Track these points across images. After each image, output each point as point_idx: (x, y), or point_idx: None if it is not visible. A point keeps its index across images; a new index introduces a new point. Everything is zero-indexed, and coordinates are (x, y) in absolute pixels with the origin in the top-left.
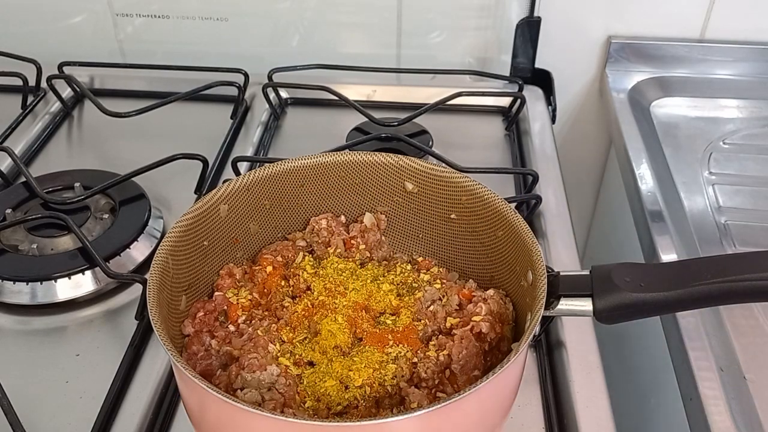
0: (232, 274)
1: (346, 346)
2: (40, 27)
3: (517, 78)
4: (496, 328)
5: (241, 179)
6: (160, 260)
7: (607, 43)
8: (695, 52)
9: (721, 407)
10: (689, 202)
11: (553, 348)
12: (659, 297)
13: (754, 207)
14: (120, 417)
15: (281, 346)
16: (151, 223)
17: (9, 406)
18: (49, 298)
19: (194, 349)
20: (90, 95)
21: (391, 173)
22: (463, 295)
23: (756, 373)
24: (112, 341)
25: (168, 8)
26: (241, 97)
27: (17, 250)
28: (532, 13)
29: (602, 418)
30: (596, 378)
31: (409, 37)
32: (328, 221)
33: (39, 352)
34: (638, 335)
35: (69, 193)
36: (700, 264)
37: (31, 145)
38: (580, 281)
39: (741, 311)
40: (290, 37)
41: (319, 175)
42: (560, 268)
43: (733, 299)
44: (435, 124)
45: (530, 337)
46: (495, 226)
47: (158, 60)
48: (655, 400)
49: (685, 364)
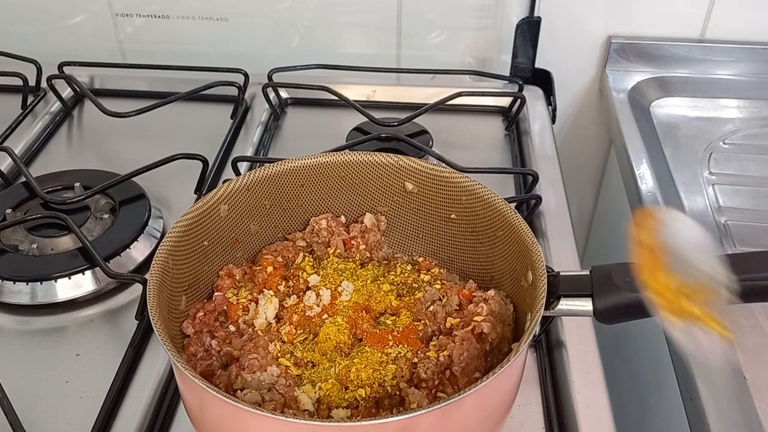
0: (232, 275)
1: (346, 347)
2: (40, 27)
3: (517, 78)
4: (497, 328)
5: (241, 179)
6: (160, 260)
7: (607, 43)
8: (695, 52)
9: (721, 407)
10: (689, 202)
11: (553, 348)
12: None
13: (754, 207)
14: (120, 417)
15: (281, 347)
16: (151, 223)
17: (9, 406)
18: (49, 298)
19: (194, 350)
20: (90, 95)
21: (391, 173)
22: (463, 295)
23: (756, 373)
24: (112, 341)
25: (168, 8)
26: (241, 97)
27: (17, 250)
28: (532, 13)
29: (602, 418)
30: (596, 378)
31: (409, 37)
32: (328, 221)
33: (39, 352)
34: (638, 335)
35: (69, 193)
36: None
37: (31, 145)
38: (580, 281)
39: (741, 311)
40: (290, 37)
41: (319, 175)
42: (560, 268)
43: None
44: (435, 124)
45: (530, 337)
46: (495, 226)
47: (158, 60)
48: (655, 400)
49: (685, 364)
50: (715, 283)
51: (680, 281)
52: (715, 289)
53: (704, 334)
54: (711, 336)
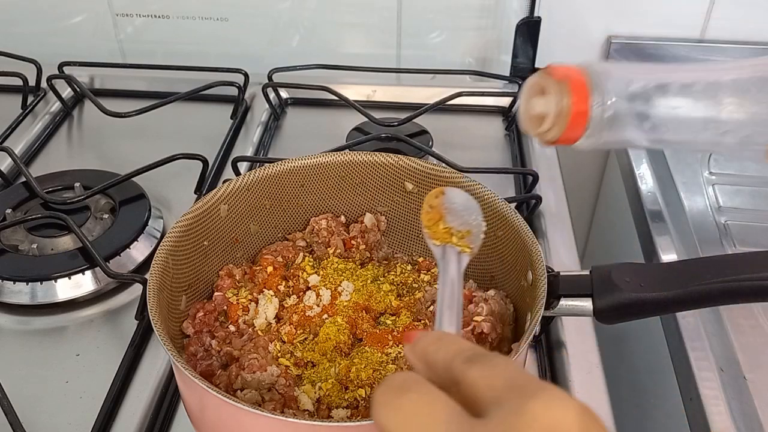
0: (232, 275)
1: (346, 347)
2: (40, 27)
3: (517, 78)
4: (498, 328)
5: (241, 179)
6: (160, 260)
7: (607, 43)
8: (695, 52)
9: (721, 407)
10: (689, 202)
11: (553, 348)
12: (659, 297)
13: (754, 207)
14: (120, 417)
15: (281, 347)
16: (151, 223)
17: (9, 406)
18: (49, 298)
19: (194, 350)
20: (90, 95)
21: (391, 173)
22: (463, 295)
23: (756, 373)
24: (112, 341)
25: (168, 8)
26: (241, 97)
27: (17, 250)
28: (532, 13)
29: (602, 418)
30: (596, 378)
31: (409, 37)
32: (328, 221)
33: (39, 352)
34: (638, 335)
35: (69, 193)
36: (700, 264)
37: (31, 145)
38: (580, 281)
39: (741, 311)
40: (290, 37)
41: (319, 175)
42: (560, 268)
43: (733, 299)
44: (435, 124)
45: (530, 337)
46: (495, 226)
47: (158, 60)
48: (655, 400)
49: (685, 364)
50: (474, 228)
51: (452, 227)
52: (473, 231)
53: (452, 249)
54: (456, 250)
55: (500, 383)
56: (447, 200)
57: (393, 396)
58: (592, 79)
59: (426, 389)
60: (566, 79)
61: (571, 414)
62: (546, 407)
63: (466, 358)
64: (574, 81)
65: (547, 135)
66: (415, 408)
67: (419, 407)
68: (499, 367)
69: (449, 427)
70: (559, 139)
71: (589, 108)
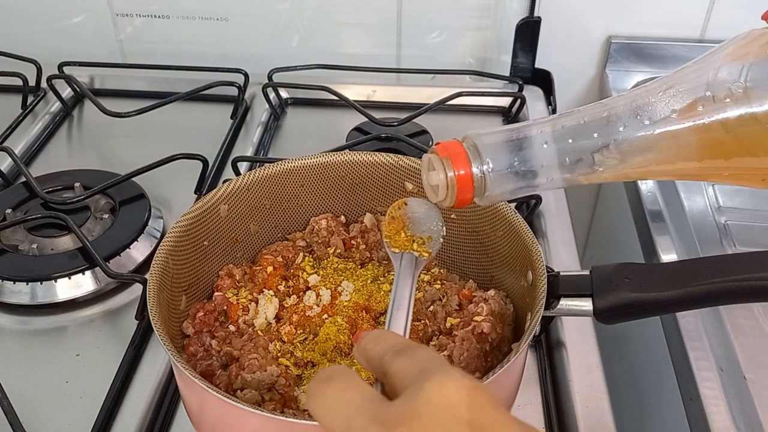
0: (232, 275)
1: (346, 347)
2: (40, 27)
3: (517, 78)
4: (498, 328)
5: (241, 179)
6: (160, 260)
7: (607, 43)
8: (695, 52)
9: (721, 407)
10: (689, 202)
11: (553, 348)
12: (659, 297)
13: (754, 207)
14: (120, 417)
15: (281, 347)
16: (151, 223)
17: (9, 406)
18: (49, 298)
19: (194, 350)
20: (90, 95)
21: (391, 173)
22: (463, 295)
23: (756, 373)
24: (112, 341)
25: (168, 8)
26: (241, 97)
27: (17, 250)
28: (532, 13)
29: (602, 418)
30: (596, 378)
31: (409, 37)
32: (328, 221)
33: (39, 352)
34: (638, 335)
35: (69, 193)
36: (700, 264)
37: (31, 145)
38: (580, 281)
39: (741, 311)
40: (290, 37)
41: (319, 175)
42: (560, 268)
43: (733, 299)
44: (435, 124)
45: (530, 337)
46: (495, 226)
47: (158, 60)
48: (655, 400)
49: (685, 364)
50: (434, 233)
51: (414, 235)
52: (434, 236)
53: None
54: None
55: (415, 370)
56: (409, 210)
57: (320, 385)
58: (469, 148)
59: (347, 378)
60: (447, 154)
61: (462, 391)
62: (440, 386)
63: (395, 352)
64: (455, 154)
65: (444, 203)
66: (335, 394)
67: (339, 392)
68: (418, 357)
69: (362, 408)
70: (454, 204)
71: (472, 174)
